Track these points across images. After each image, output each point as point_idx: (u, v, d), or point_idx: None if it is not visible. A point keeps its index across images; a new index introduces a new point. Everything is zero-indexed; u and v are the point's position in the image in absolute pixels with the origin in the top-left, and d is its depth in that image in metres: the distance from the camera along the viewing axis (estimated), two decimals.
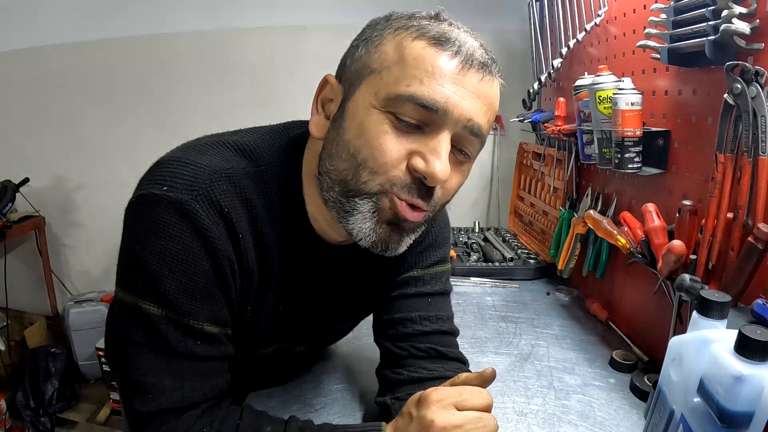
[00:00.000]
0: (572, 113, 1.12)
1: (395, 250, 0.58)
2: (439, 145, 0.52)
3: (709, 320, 0.53)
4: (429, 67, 0.51)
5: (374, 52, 0.54)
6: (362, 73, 0.55)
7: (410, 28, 0.53)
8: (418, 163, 0.52)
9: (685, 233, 0.77)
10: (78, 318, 2.03)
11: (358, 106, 0.54)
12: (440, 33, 0.52)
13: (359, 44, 0.56)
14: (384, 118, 0.52)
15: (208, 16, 1.93)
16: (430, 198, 0.55)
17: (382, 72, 0.53)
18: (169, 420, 0.53)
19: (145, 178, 0.55)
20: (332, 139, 0.56)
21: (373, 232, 0.55)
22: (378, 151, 0.52)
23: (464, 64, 0.52)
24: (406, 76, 0.51)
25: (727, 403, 0.43)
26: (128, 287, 0.53)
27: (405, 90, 0.51)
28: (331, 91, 0.59)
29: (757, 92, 0.62)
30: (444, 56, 0.52)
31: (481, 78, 0.53)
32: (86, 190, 2.12)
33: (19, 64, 1.98)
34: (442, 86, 0.51)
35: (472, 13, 1.77)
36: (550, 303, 1.24)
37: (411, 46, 0.52)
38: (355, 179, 0.54)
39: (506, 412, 0.77)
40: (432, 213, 0.58)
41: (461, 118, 0.52)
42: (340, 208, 0.56)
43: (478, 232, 1.75)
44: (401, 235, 0.57)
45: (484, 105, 0.54)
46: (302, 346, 0.78)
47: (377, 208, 0.54)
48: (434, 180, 0.52)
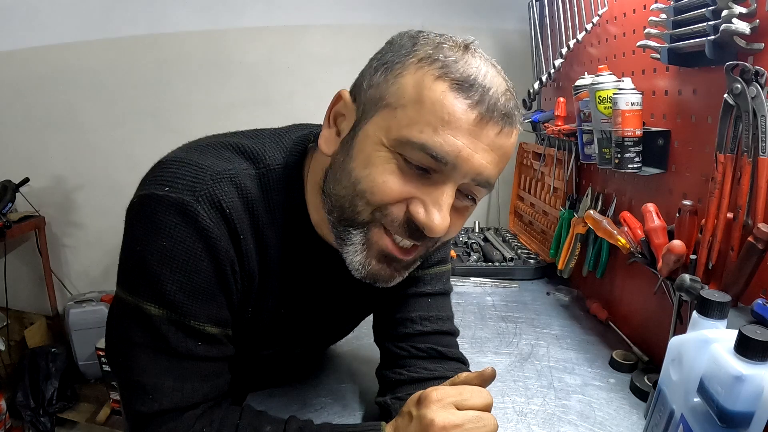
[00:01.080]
0: (572, 113, 1.12)
1: (386, 284, 0.58)
2: (442, 196, 0.51)
3: (709, 320, 0.53)
4: (446, 115, 0.49)
5: (393, 83, 0.52)
6: (378, 103, 0.52)
7: (434, 63, 0.50)
8: (418, 213, 0.51)
9: (685, 233, 0.77)
10: (78, 318, 2.03)
11: (368, 138, 0.53)
12: (465, 76, 0.49)
13: (379, 67, 0.53)
14: (391, 158, 0.51)
15: (208, 16, 1.93)
16: (424, 239, 0.55)
17: (397, 109, 0.51)
18: (169, 420, 0.53)
19: (147, 179, 0.55)
20: (339, 163, 0.55)
21: (363, 267, 0.56)
22: (378, 187, 0.52)
23: (484, 116, 0.50)
24: (421, 120, 0.49)
25: (727, 403, 0.43)
26: (129, 287, 0.53)
27: (417, 136, 0.49)
28: (345, 108, 0.57)
29: (757, 92, 0.62)
30: (464, 105, 0.49)
31: (500, 130, 0.51)
32: (86, 190, 2.12)
33: (19, 64, 1.97)
34: (456, 138, 0.49)
35: (472, 13, 1.77)
36: (550, 303, 1.24)
37: (431, 87, 0.49)
38: (351, 207, 0.53)
39: (506, 412, 0.77)
40: (428, 250, 0.58)
41: (470, 172, 0.51)
42: (337, 234, 0.56)
43: (478, 232, 1.75)
44: (392, 271, 0.57)
45: (497, 157, 0.53)
46: (302, 348, 0.78)
47: (366, 240, 0.54)
48: (432, 233, 0.52)
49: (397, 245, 0.55)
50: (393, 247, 0.55)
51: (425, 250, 0.58)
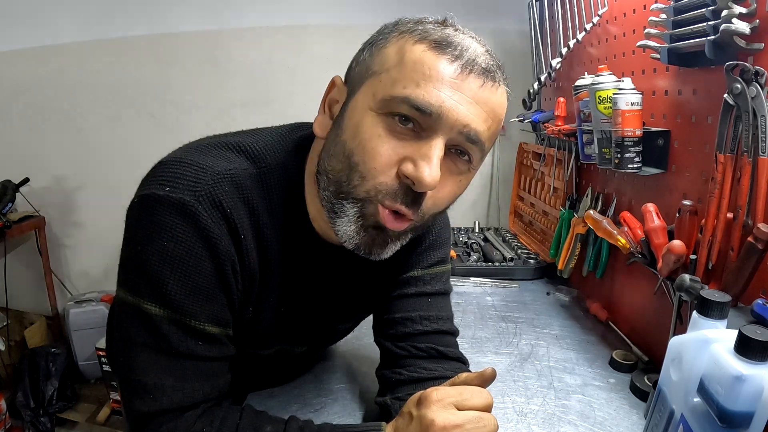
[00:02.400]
0: (572, 113, 1.12)
1: (379, 255, 0.58)
2: (431, 150, 0.51)
3: (709, 320, 0.53)
4: (427, 70, 0.51)
5: (377, 54, 0.54)
6: (364, 75, 0.55)
7: (414, 32, 0.53)
8: (408, 168, 0.51)
9: (685, 233, 0.77)
10: (78, 318, 2.03)
11: (356, 107, 0.54)
12: (442, 37, 0.52)
13: (365, 48, 0.57)
14: (379, 121, 0.52)
15: (208, 16, 1.93)
16: (418, 206, 0.54)
17: (381, 74, 0.53)
18: (169, 420, 0.53)
19: (148, 179, 0.55)
20: (332, 138, 0.56)
21: (357, 236, 0.55)
22: (369, 154, 0.52)
23: (464, 69, 0.51)
24: (404, 78, 0.51)
25: (727, 403, 0.43)
26: (130, 287, 0.53)
27: (400, 92, 0.51)
28: (338, 93, 0.59)
29: (757, 92, 0.62)
30: (443, 60, 0.51)
31: (482, 83, 0.52)
32: (86, 190, 2.12)
33: (19, 64, 1.98)
34: (438, 90, 0.50)
35: (472, 13, 1.77)
36: (550, 303, 1.24)
37: (411, 49, 0.52)
38: (347, 181, 0.54)
39: (506, 412, 0.78)
40: (420, 222, 0.57)
41: (456, 123, 0.51)
42: (330, 208, 0.56)
43: (478, 232, 1.75)
44: (385, 241, 0.57)
45: (484, 111, 0.53)
46: (303, 347, 0.78)
47: (361, 214, 0.54)
48: (422, 185, 0.51)
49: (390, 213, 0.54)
50: (386, 216, 0.54)
51: (420, 219, 0.56)
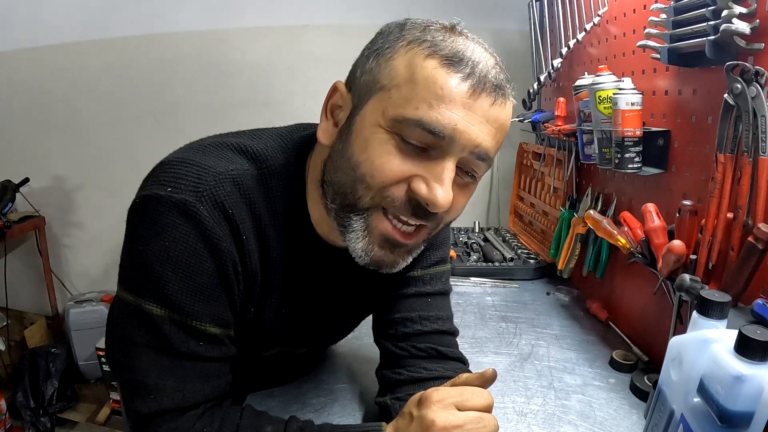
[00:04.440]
0: (572, 113, 1.12)
1: (390, 270, 0.58)
2: (444, 171, 0.52)
3: (709, 320, 0.53)
4: (439, 89, 0.50)
5: (385, 66, 0.53)
6: (372, 87, 0.53)
7: (423, 43, 0.51)
8: (420, 189, 0.52)
9: (685, 233, 0.77)
10: (78, 318, 2.03)
11: (365, 122, 0.53)
12: (454, 51, 0.51)
13: (370, 55, 0.55)
14: (389, 138, 0.52)
15: (208, 16, 1.92)
16: (429, 218, 0.55)
17: (391, 90, 0.52)
18: (170, 420, 0.53)
19: (149, 179, 0.55)
20: (338, 150, 0.56)
21: (366, 254, 0.56)
22: (378, 170, 0.52)
23: (476, 88, 0.50)
24: (416, 97, 0.50)
25: (727, 403, 0.43)
26: (131, 287, 0.53)
27: (413, 113, 0.50)
28: (341, 99, 0.58)
29: (757, 92, 0.62)
30: (456, 78, 0.50)
31: (493, 102, 0.52)
32: (86, 190, 2.12)
33: (19, 64, 1.97)
34: (451, 111, 0.50)
35: (472, 13, 1.77)
36: (550, 303, 1.24)
37: (422, 65, 0.50)
38: (352, 193, 0.54)
39: (506, 412, 0.78)
40: (433, 231, 0.58)
41: (468, 144, 0.52)
42: (339, 222, 0.57)
43: (478, 232, 1.75)
44: (395, 257, 0.57)
45: (494, 129, 0.53)
46: (304, 348, 0.78)
47: (367, 226, 0.55)
48: (436, 207, 0.52)
49: (398, 229, 0.55)
50: (393, 230, 0.55)
51: (428, 232, 0.58)
